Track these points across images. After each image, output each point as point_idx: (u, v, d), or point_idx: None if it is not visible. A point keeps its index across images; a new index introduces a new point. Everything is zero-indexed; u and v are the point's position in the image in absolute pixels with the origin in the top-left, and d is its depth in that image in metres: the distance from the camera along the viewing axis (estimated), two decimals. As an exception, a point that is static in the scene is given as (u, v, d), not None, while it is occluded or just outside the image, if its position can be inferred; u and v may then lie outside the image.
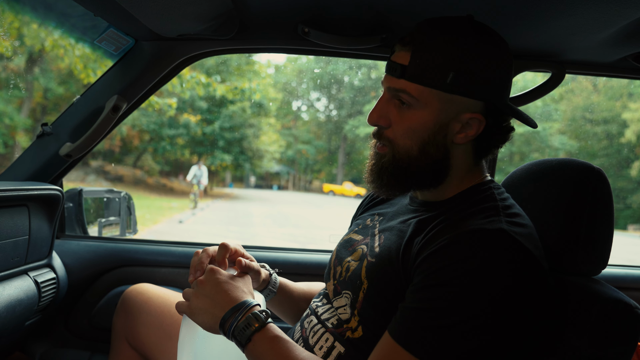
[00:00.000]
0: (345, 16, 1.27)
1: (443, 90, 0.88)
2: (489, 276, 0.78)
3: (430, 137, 0.91)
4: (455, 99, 0.90)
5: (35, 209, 1.39)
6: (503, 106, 0.93)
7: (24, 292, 1.34)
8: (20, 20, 5.78)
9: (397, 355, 0.79)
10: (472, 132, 0.92)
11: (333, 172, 25.50)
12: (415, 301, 0.81)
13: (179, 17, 1.22)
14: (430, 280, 0.80)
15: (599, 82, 16.81)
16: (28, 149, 1.56)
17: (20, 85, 11.67)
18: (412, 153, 0.92)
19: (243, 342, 0.87)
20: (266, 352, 0.86)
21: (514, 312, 0.78)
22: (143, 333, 1.27)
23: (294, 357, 0.85)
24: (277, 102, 20.64)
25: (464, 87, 0.88)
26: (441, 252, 0.82)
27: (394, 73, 0.91)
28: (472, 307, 0.77)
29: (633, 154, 16.19)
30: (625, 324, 0.83)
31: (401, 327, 0.81)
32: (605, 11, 1.06)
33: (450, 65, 0.87)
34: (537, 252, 0.83)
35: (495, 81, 0.90)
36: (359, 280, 0.97)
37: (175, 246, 1.78)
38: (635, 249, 12.47)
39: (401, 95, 0.91)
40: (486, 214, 0.87)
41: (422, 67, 0.88)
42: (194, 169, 15.40)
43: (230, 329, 0.88)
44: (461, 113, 0.91)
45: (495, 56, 0.90)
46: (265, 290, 1.16)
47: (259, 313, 0.89)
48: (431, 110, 0.90)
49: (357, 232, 1.12)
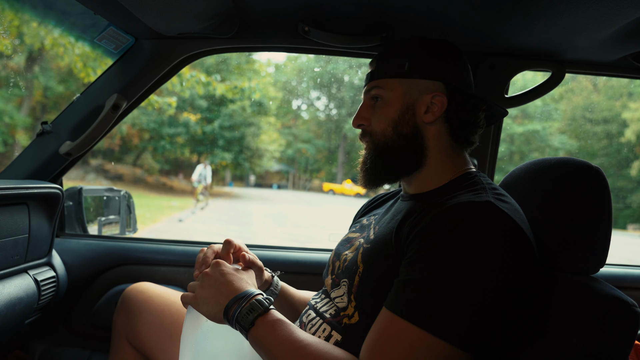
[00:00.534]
0: (345, 15, 1.27)
1: (403, 76, 1.05)
2: (480, 241, 0.80)
3: (400, 117, 1.04)
4: (415, 82, 1.04)
5: (35, 208, 1.39)
6: (462, 87, 1.05)
7: (24, 290, 1.34)
8: (20, 18, 5.78)
9: (398, 328, 0.80)
10: (437, 109, 1.03)
11: (333, 171, 25.52)
12: (411, 273, 0.83)
13: (179, 15, 1.22)
14: (424, 251, 0.83)
15: (599, 81, 16.81)
16: (28, 147, 1.56)
17: (20, 83, 11.67)
18: (387, 134, 1.05)
19: (246, 327, 0.89)
20: (269, 335, 0.87)
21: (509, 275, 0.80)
22: (143, 332, 1.27)
23: (295, 339, 0.86)
24: (277, 101, 20.65)
25: (420, 71, 1.04)
26: (432, 225, 0.84)
27: (367, 81, 1.11)
28: (468, 271, 0.78)
29: (633, 154, 16.20)
30: (622, 322, 0.83)
31: (400, 300, 0.82)
32: (606, 10, 1.06)
33: (405, 57, 1.05)
34: (524, 226, 0.86)
35: (448, 65, 1.05)
36: (354, 266, 1.00)
37: (175, 245, 1.78)
38: (635, 249, 12.48)
39: (373, 92, 1.08)
40: (473, 192, 0.92)
41: (383, 66, 1.08)
42: (199, 168, 15.26)
43: (234, 316, 0.90)
44: (423, 93, 1.04)
45: (443, 50, 1.07)
46: (267, 291, 1.18)
47: (262, 299, 0.91)
48: (397, 93, 1.05)
49: (355, 231, 1.17)
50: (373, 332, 0.83)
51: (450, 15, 1.20)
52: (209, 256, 1.05)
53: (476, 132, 1.07)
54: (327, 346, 0.86)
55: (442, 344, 0.77)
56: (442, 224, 0.83)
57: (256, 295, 0.92)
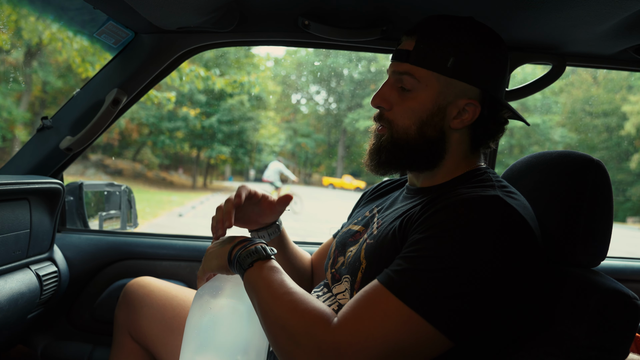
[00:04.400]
0: (345, 8, 1.27)
1: (443, 73, 0.94)
2: (481, 230, 0.79)
3: (428, 118, 0.96)
4: (454, 83, 0.95)
5: (36, 203, 1.39)
6: (498, 97, 0.98)
7: (26, 285, 1.34)
8: (18, 13, 5.75)
9: (379, 296, 0.79)
10: (468, 117, 0.96)
11: (333, 166, 25.50)
12: (407, 252, 0.82)
13: (179, 9, 1.22)
14: (424, 234, 0.82)
15: (599, 74, 16.77)
16: (28, 142, 1.56)
17: (18, 78, 11.64)
18: (409, 132, 0.97)
19: (244, 267, 0.91)
20: (262, 278, 0.88)
21: (505, 266, 0.79)
22: (145, 326, 1.28)
23: (284, 286, 0.87)
24: (277, 95, 20.61)
25: (463, 72, 0.94)
26: (436, 213, 0.84)
27: (399, 58, 0.97)
28: (463, 255, 0.77)
29: (632, 147, 16.19)
30: (623, 315, 0.83)
31: (389, 271, 0.81)
32: (606, 3, 1.06)
33: (451, 51, 0.93)
34: (532, 223, 0.85)
35: (492, 71, 0.97)
36: (357, 262, 0.98)
37: (176, 239, 1.78)
38: (634, 241, 12.50)
39: (404, 78, 0.96)
40: (482, 187, 0.90)
41: (425, 51, 0.94)
42: (275, 165, 13.51)
43: (235, 256, 0.93)
44: (459, 98, 0.96)
45: (493, 49, 0.96)
46: (272, 226, 1.22)
47: (266, 247, 0.94)
48: (431, 92, 0.95)
49: (357, 223, 1.14)
50: (357, 295, 0.83)
51: (451, 8, 1.19)
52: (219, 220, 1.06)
53: (497, 139, 1.03)
54: (310, 297, 0.85)
55: (418, 320, 0.76)
56: (446, 212, 0.83)
57: (260, 242, 0.95)
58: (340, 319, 0.79)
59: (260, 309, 0.87)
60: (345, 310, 0.80)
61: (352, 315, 0.79)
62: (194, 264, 1.72)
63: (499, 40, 0.98)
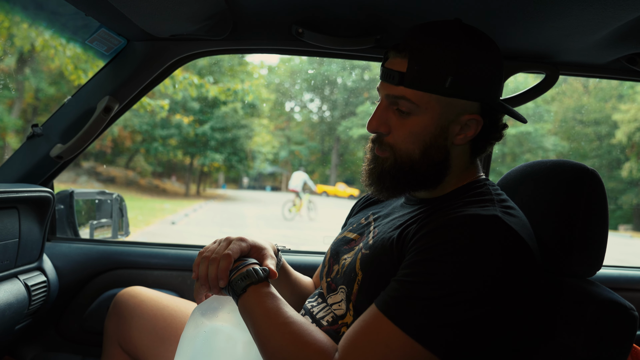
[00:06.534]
0: (339, 17, 1.27)
1: (442, 94, 0.90)
2: (480, 255, 0.79)
3: (432, 140, 0.93)
4: (453, 102, 0.92)
5: (26, 211, 1.37)
6: (497, 105, 0.96)
7: (14, 295, 1.32)
8: (10, 20, 5.72)
9: (379, 324, 0.79)
10: (470, 132, 0.95)
11: (326, 173, 25.49)
12: (405, 275, 0.81)
13: (172, 17, 1.21)
14: (422, 256, 0.81)
15: (590, 83, 16.95)
16: (18, 150, 1.54)
17: (10, 85, 11.57)
18: (414, 156, 0.94)
19: (238, 292, 0.89)
20: (257, 305, 0.87)
21: (504, 291, 0.78)
22: (135, 337, 1.26)
23: (281, 314, 0.85)
24: (270, 103, 20.61)
25: (462, 90, 0.91)
26: (435, 232, 0.83)
27: (392, 80, 0.92)
28: (462, 281, 0.77)
29: (623, 155, 16.33)
30: (620, 326, 0.83)
31: (387, 298, 0.81)
32: (599, 13, 1.07)
33: (448, 70, 0.89)
34: (531, 242, 0.84)
35: (490, 82, 0.94)
36: (353, 273, 0.97)
37: (168, 248, 1.76)
38: (626, 249, 12.58)
39: (400, 102, 0.92)
40: (481, 204, 0.88)
41: (420, 73, 0.89)
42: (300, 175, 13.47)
43: (228, 280, 0.91)
44: (460, 115, 0.93)
45: (488, 57, 0.93)
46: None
47: (259, 269, 0.91)
48: (432, 114, 0.92)
49: (352, 230, 1.13)
50: (356, 324, 0.82)
51: (445, 17, 1.20)
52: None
53: (494, 143, 1.02)
54: (310, 327, 0.84)
55: (419, 350, 0.76)
56: (444, 232, 0.82)
57: (253, 264, 0.92)
58: (342, 353, 0.79)
59: (258, 338, 0.86)
60: (346, 342, 0.80)
61: (354, 347, 0.79)
62: (185, 273, 1.70)
63: (491, 43, 0.95)
